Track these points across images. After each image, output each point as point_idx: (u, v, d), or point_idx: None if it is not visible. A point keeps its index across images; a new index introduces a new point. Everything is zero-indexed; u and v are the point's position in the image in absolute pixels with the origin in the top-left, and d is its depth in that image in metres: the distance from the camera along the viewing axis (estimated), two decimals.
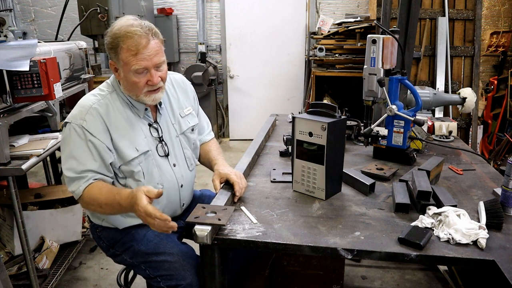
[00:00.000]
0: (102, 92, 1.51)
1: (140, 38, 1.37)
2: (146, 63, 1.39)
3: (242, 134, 5.63)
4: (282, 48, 5.30)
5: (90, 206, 1.43)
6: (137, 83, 1.42)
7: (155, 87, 1.46)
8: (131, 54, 1.37)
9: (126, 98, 1.51)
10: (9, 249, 2.37)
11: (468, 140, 4.18)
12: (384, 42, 1.80)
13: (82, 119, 1.42)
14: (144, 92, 1.45)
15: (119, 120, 1.48)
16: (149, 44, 1.39)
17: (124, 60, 1.39)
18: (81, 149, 1.41)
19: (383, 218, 1.37)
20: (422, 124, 1.86)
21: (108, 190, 1.41)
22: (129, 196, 1.32)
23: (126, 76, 1.43)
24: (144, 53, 1.38)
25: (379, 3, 4.06)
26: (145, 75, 1.42)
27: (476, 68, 4.19)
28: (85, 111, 1.43)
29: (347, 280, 2.40)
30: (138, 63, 1.38)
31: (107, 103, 1.48)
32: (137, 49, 1.37)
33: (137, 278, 1.95)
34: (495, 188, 1.59)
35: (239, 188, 1.50)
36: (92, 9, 3.42)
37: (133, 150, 1.47)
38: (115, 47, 1.39)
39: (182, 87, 1.73)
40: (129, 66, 1.39)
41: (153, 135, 1.55)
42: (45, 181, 3.30)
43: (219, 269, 1.30)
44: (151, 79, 1.43)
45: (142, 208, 1.24)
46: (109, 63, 1.47)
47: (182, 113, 1.67)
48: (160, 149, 1.56)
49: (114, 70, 1.47)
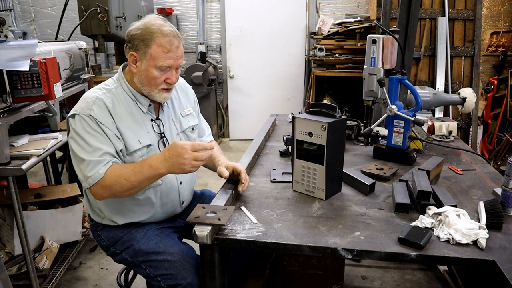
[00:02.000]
0: (107, 87, 1.54)
1: (174, 38, 1.46)
2: (173, 62, 1.47)
3: (242, 134, 5.63)
4: (282, 48, 5.30)
5: (114, 182, 1.39)
6: (157, 78, 1.47)
7: (171, 86, 1.53)
8: (162, 51, 1.44)
9: (131, 93, 1.54)
10: (9, 249, 2.37)
11: (468, 140, 4.18)
12: (384, 42, 1.80)
13: (89, 109, 1.44)
14: (158, 89, 1.51)
15: (124, 113, 1.50)
16: (179, 46, 1.49)
17: (153, 54, 1.44)
18: (94, 136, 1.42)
19: (383, 218, 1.37)
20: (422, 124, 1.86)
21: (131, 164, 1.44)
22: (163, 152, 1.38)
23: (147, 69, 1.46)
24: (174, 52, 1.46)
25: (379, 3, 4.06)
26: (165, 73, 1.48)
27: (476, 68, 4.19)
28: (92, 102, 1.45)
29: (347, 280, 2.40)
30: (166, 60, 1.45)
31: (112, 96, 1.50)
32: (170, 47, 1.45)
33: (137, 278, 1.95)
34: (495, 188, 1.59)
35: (245, 175, 1.55)
36: (92, 9, 3.42)
37: (136, 142, 1.50)
38: (147, 40, 1.43)
39: (183, 89, 1.77)
40: (156, 61, 1.45)
41: (155, 131, 1.57)
42: (45, 181, 3.30)
43: (219, 269, 1.30)
44: (171, 78, 1.50)
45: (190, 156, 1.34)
46: (129, 54, 1.49)
47: (183, 113, 1.70)
48: (161, 144, 1.58)
49: (132, 61, 1.49)
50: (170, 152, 1.36)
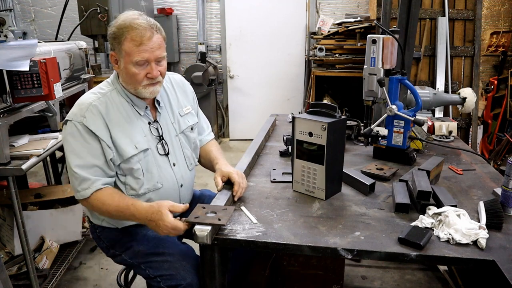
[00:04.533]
0: (102, 90, 1.52)
1: (144, 30, 1.40)
2: (148, 55, 1.42)
3: (242, 134, 5.63)
4: (282, 48, 5.30)
5: (97, 208, 1.45)
6: (136, 74, 1.44)
7: (154, 80, 1.48)
8: (134, 45, 1.40)
9: (127, 96, 1.52)
10: (9, 249, 2.37)
11: (468, 140, 4.18)
12: (384, 42, 1.80)
13: (82, 116, 1.43)
14: (143, 85, 1.47)
15: (119, 118, 1.49)
16: (152, 37, 1.42)
17: (127, 50, 1.41)
18: (83, 145, 1.42)
19: (383, 218, 1.37)
20: (422, 124, 1.86)
21: (121, 198, 1.43)
22: (148, 210, 1.34)
23: (126, 67, 1.44)
24: (147, 45, 1.41)
25: (379, 3, 4.06)
26: (145, 67, 1.45)
27: (476, 68, 4.19)
28: (85, 108, 1.44)
29: (347, 280, 2.40)
30: (140, 54, 1.41)
31: (107, 101, 1.49)
32: (141, 40, 1.40)
33: (137, 278, 1.95)
34: (495, 188, 1.59)
35: (239, 187, 1.50)
36: (92, 9, 3.42)
37: (132, 148, 1.48)
38: (119, 37, 1.42)
39: (181, 87, 1.74)
40: (131, 56, 1.41)
41: (153, 134, 1.56)
42: (45, 181, 3.30)
43: (219, 269, 1.30)
44: (151, 72, 1.45)
45: (170, 224, 1.29)
46: (110, 54, 1.48)
47: (181, 112, 1.68)
48: (160, 147, 1.56)
49: (114, 61, 1.48)
50: (154, 216, 1.33)
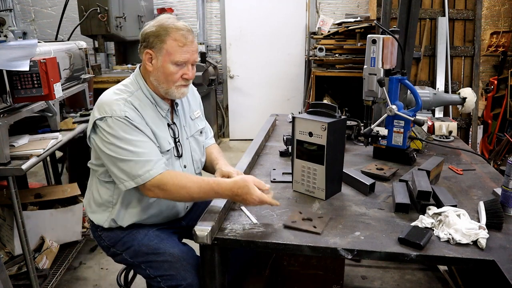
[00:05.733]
0: (129, 89, 1.51)
1: (188, 33, 1.47)
2: (189, 56, 1.48)
3: (242, 134, 5.63)
4: (282, 48, 5.30)
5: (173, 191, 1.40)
6: (173, 74, 1.47)
7: (188, 82, 1.53)
8: (178, 45, 1.45)
9: (151, 97, 1.53)
10: (9, 249, 2.37)
11: (468, 140, 4.18)
12: (384, 42, 1.80)
13: (123, 110, 1.41)
14: (176, 85, 1.50)
15: (151, 115, 1.51)
16: (194, 41, 1.50)
17: (169, 49, 1.44)
18: (134, 134, 1.41)
19: (383, 218, 1.37)
20: (422, 124, 1.86)
21: (193, 177, 1.45)
22: (234, 186, 1.35)
23: (163, 65, 1.46)
24: (189, 46, 1.47)
25: (379, 3, 4.06)
26: (181, 68, 1.48)
27: (476, 68, 4.19)
28: (122, 104, 1.43)
29: (347, 280, 2.40)
30: (182, 55, 1.46)
31: (137, 99, 1.50)
32: (185, 41, 1.46)
33: (137, 278, 1.95)
34: (495, 188, 1.59)
35: None
36: (92, 9, 3.42)
37: (166, 143, 1.52)
38: (162, 35, 1.44)
39: (192, 92, 1.76)
40: (172, 56, 1.45)
41: (171, 135, 1.58)
42: (45, 181, 3.30)
43: (219, 269, 1.31)
44: (187, 73, 1.50)
45: (258, 198, 1.32)
46: (143, 52, 1.48)
47: (192, 116, 1.71)
48: (175, 150, 1.58)
49: (148, 59, 1.48)
50: (240, 190, 1.33)
